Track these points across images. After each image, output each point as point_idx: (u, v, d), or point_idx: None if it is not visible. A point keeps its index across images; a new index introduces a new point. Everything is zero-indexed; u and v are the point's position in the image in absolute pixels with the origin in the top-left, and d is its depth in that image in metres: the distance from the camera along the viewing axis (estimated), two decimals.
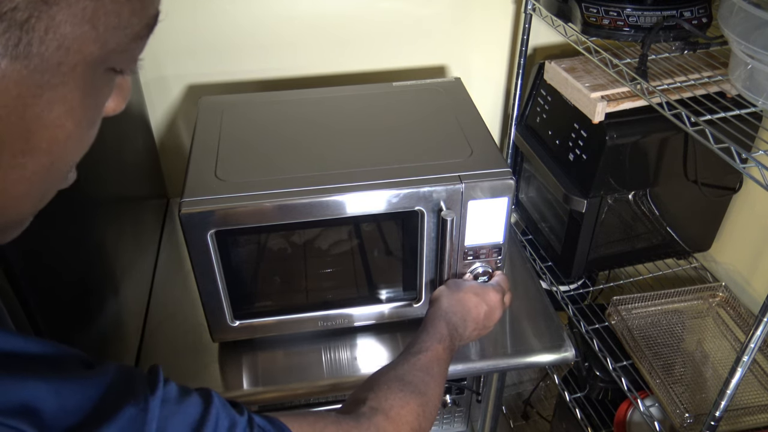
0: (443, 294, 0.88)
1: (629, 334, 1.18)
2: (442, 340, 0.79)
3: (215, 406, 0.49)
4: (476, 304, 0.86)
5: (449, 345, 0.80)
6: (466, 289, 0.88)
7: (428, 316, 0.85)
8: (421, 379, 0.72)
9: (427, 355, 0.76)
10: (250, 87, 1.25)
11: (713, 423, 0.91)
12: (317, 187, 0.83)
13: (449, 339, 0.80)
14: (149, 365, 0.48)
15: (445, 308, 0.85)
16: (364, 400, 0.66)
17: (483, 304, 0.87)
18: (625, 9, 0.98)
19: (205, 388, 0.51)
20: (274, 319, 0.96)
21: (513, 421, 1.69)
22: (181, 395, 0.48)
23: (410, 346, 0.78)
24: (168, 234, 1.24)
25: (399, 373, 0.72)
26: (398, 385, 0.69)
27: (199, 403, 0.48)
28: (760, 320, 0.77)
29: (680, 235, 1.25)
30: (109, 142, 0.93)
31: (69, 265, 0.74)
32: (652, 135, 1.07)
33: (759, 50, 0.79)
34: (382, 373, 0.73)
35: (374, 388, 0.69)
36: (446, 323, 0.82)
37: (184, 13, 1.15)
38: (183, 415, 0.46)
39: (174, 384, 0.48)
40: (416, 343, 0.78)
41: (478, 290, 0.88)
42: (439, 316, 0.83)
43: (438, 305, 0.86)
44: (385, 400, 0.67)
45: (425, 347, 0.77)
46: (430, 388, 0.71)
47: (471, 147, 0.91)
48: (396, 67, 1.29)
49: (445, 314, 0.84)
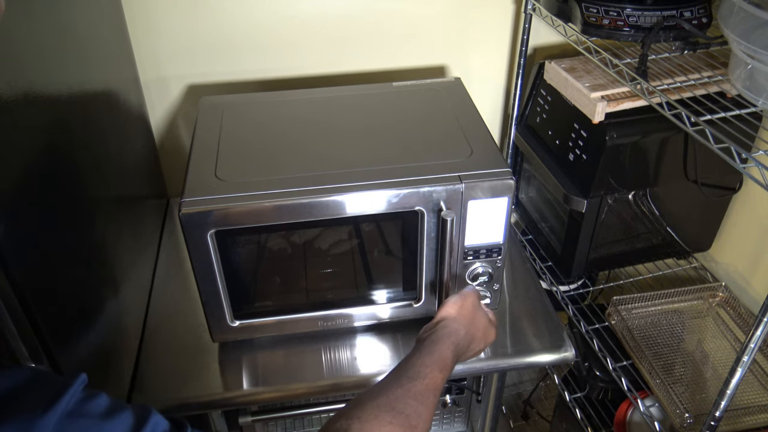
0: (458, 313, 0.80)
1: (629, 334, 1.18)
2: (444, 369, 0.72)
3: (151, 424, 0.48)
4: (486, 331, 0.82)
5: (449, 372, 0.73)
6: (480, 311, 0.83)
7: (437, 334, 0.76)
8: (414, 409, 0.65)
9: (424, 382, 0.68)
10: (250, 87, 1.25)
11: (713, 423, 0.91)
12: (317, 187, 0.83)
13: (451, 367, 0.74)
14: (72, 373, 0.47)
15: (457, 331, 0.77)
16: (348, 428, 0.60)
17: (491, 331, 0.83)
18: (625, 9, 0.98)
19: (145, 406, 0.50)
20: (274, 319, 0.96)
21: (513, 421, 1.69)
22: (110, 410, 0.47)
23: (408, 366, 0.71)
24: (168, 234, 1.24)
25: (391, 400, 0.65)
26: (388, 416, 0.63)
27: (129, 422, 0.47)
28: (760, 320, 0.77)
29: (680, 235, 1.25)
30: (109, 142, 0.93)
31: (69, 265, 0.74)
32: (652, 135, 1.07)
33: (759, 50, 0.79)
34: (372, 395, 0.66)
35: (362, 415, 0.62)
36: (454, 348, 0.75)
37: (184, 13, 1.15)
38: (106, 431, 0.46)
39: (105, 398, 0.47)
40: (415, 365, 0.70)
41: (489, 313, 0.85)
42: (449, 338, 0.76)
43: (450, 325, 0.78)
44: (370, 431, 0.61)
45: (424, 373, 0.69)
46: (422, 420, 0.65)
47: (471, 147, 0.91)
48: (396, 67, 1.29)
49: (456, 338, 0.76)
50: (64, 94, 0.77)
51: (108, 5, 1.03)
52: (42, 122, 0.70)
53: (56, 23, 0.77)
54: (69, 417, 0.44)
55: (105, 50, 0.99)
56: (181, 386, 0.94)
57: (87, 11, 0.91)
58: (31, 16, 0.69)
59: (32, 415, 0.42)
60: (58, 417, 0.43)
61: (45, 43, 0.72)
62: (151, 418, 0.49)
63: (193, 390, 0.93)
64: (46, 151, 0.70)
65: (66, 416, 0.44)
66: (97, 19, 0.96)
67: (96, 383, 0.79)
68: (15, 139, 0.62)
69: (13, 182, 0.61)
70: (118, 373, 0.90)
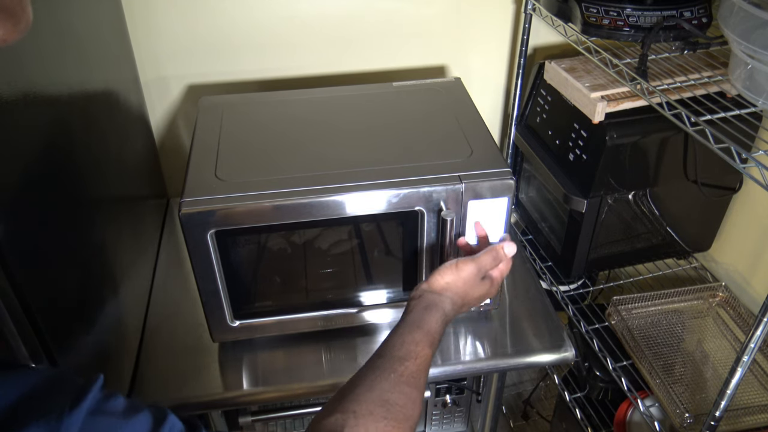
0: (454, 280, 0.76)
1: (629, 334, 1.18)
2: (433, 344, 0.69)
3: (169, 424, 0.48)
4: (482, 295, 0.78)
5: (438, 346, 0.70)
6: (477, 284, 0.78)
7: (427, 300, 0.73)
8: (408, 396, 0.63)
9: (416, 362, 0.66)
10: (250, 87, 1.25)
11: (713, 423, 0.91)
12: (317, 187, 0.83)
13: (439, 340, 0.71)
14: (92, 374, 0.48)
15: (451, 299, 0.74)
16: (344, 424, 0.58)
17: (490, 292, 0.79)
18: (625, 9, 0.98)
19: (160, 407, 0.50)
20: (274, 319, 0.96)
21: (513, 421, 1.69)
22: (129, 410, 0.47)
23: (398, 342, 0.68)
24: (168, 234, 1.24)
25: (384, 391, 0.62)
26: (382, 411, 0.60)
27: (149, 421, 0.48)
28: (760, 320, 0.77)
29: (680, 235, 1.25)
30: (109, 142, 0.93)
31: (69, 265, 0.74)
32: (652, 135, 1.07)
33: (759, 50, 0.79)
34: (366, 385, 0.63)
35: (357, 410, 0.60)
36: (443, 318, 0.72)
37: (184, 14, 1.15)
38: (128, 429, 0.46)
39: (122, 398, 0.48)
40: (406, 342, 0.68)
41: (489, 278, 0.80)
42: (440, 306, 0.73)
43: (444, 293, 0.75)
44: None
45: (415, 353, 0.67)
46: (416, 406, 0.63)
47: (471, 147, 0.91)
48: (396, 67, 1.29)
49: (448, 306, 0.73)
50: (64, 94, 0.77)
51: (108, 5, 1.03)
52: (42, 122, 0.70)
53: (56, 23, 0.77)
54: (93, 415, 0.45)
55: (105, 50, 0.99)
56: (181, 386, 0.94)
57: (87, 11, 0.91)
58: None
59: (59, 415, 0.43)
60: (84, 415, 0.44)
61: (45, 43, 0.72)
62: (168, 418, 0.49)
63: (193, 390, 0.93)
64: (46, 151, 0.70)
65: (90, 414, 0.44)
66: (97, 19, 0.96)
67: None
68: (15, 139, 0.62)
69: (14, 182, 0.61)
70: (118, 373, 0.90)
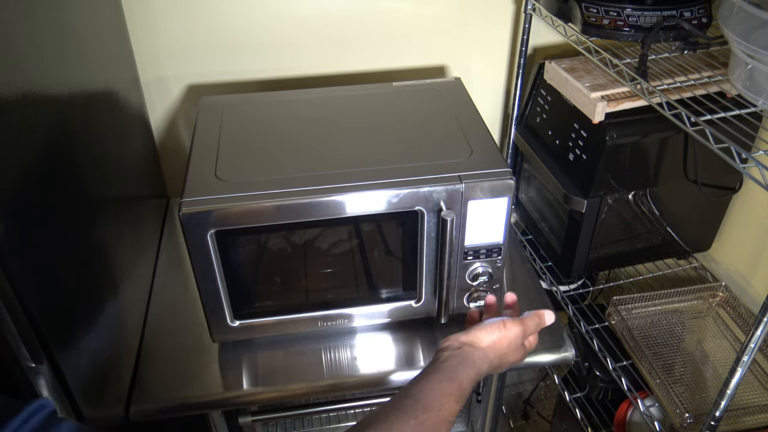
0: (499, 339, 0.73)
1: (629, 334, 1.18)
2: (460, 401, 0.66)
3: None
4: (516, 360, 0.76)
5: (464, 403, 0.67)
6: (517, 349, 0.75)
7: (464, 358, 0.69)
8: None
9: (440, 414, 0.62)
10: (250, 87, 1.25)
11: (713, 423, 0.91)
12: (317, 187, 0.83)
13: (467, 398, 0.68)
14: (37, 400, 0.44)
15: (489, 359, 0.71)
16: None
17: (519, 361, 0.77)
18: (625, 9, 0.98)
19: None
20: (274, 319, 0.96)
21: (513, 421, 1.69)
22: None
23: (426, 391, 0.65)
24: (168, 234, 1.24)
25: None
26: None
27: None
28: (760, 320, 0.77)
29: (680, 235, 1.25)
30: (109, 142, 0.93)
31: (69, 265, 0.74)
32: (652, 135, 1.07)
33: (759, 50, 0.79)
34: (384, 425, 0.60)
35: None
36: (476, 376, 0.69)
37: (184, 14, 1.15)
38: None
39: (70, 424, 0.43)
40: (434, 391, 0.65)
41: (529, 343, 0.78)
42: (478, 365, 0.70)
43: (481, 355, 0.71)
44: None
45: (440, 405, 0.63)
46: None
47: (471, 147, 0.91)
48: (396, 67, 1.29)
49: (485, 367, 0.71)
50: (64, 94, 0.77)
51: (108, 5, 1.03)
52: (42, 122, 0.70)
53: (56, 23, 0.77)
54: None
55: (105, 50, 0.99)
56: (181, 386, 0.94)
57: (87, 11, 0.91)
58: (31, 15, 0.69)
59: None
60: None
61: (45, 43, 0.72)
62: None
63: (193, 390, 0.93)
64: (46, 151, 0.70)
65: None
66: (97, 19, 0.96)
67: (96, 383, 0.79)
68: (15, 139, 0.62)
69: (14, 182, 0.61)
70: (118, 373, 0.90)
